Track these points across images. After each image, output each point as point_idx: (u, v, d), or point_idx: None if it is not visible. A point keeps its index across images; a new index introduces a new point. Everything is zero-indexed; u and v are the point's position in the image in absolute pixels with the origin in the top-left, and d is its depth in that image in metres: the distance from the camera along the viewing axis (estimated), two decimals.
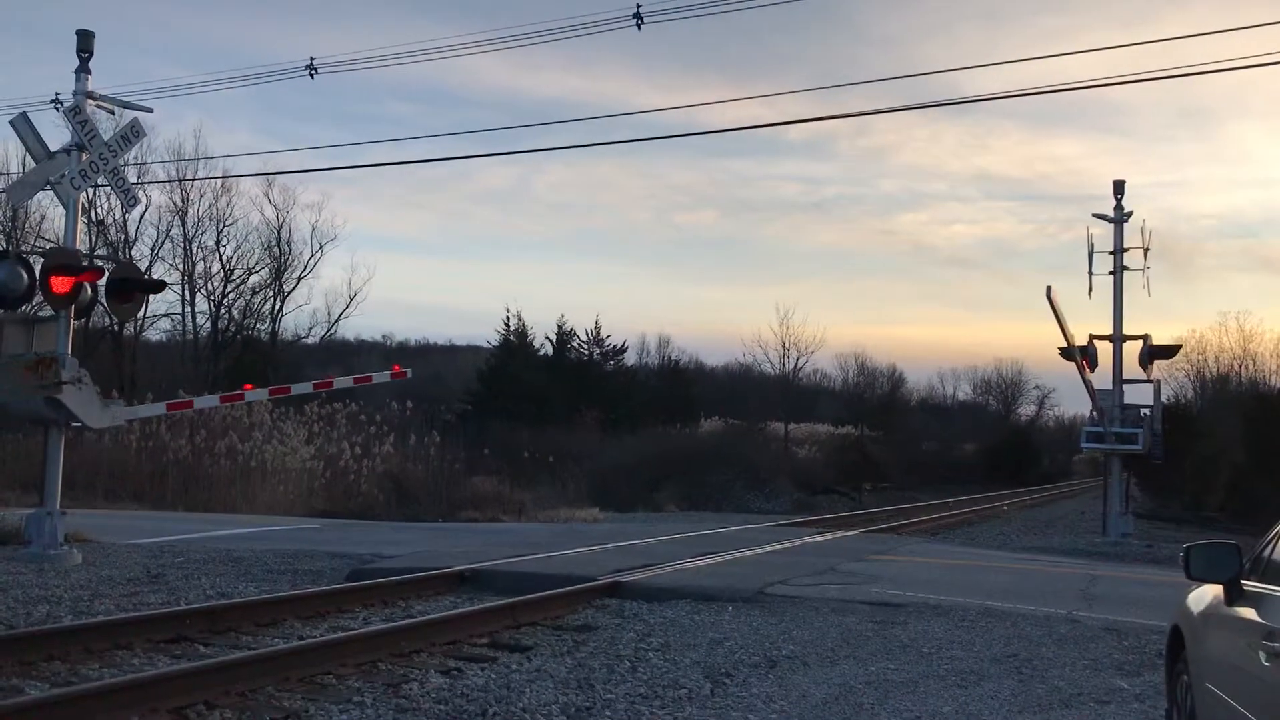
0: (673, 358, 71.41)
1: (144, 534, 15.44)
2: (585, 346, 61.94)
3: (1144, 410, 25.49)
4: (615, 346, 62.67)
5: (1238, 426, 40.42)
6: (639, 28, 14.00)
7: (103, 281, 13.52)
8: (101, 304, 13.83)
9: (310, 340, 49.57)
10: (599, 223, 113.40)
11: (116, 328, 37.74)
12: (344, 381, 18.50)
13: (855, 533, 22.27)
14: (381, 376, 17.12)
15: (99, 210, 37.58)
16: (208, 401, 18.56)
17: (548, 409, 50.56)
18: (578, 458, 41.24)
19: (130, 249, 39.95)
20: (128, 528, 16.30)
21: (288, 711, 6.35)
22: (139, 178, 36.17)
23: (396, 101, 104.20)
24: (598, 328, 61.77)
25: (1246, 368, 50.80)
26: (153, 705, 6.08)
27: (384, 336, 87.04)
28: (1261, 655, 3.81)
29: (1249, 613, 4.23)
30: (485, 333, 74.28)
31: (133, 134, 13.86)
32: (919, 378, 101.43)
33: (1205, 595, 5.01)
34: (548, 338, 60.97)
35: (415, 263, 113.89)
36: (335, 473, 28.69)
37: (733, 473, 47.68)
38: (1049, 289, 23.80)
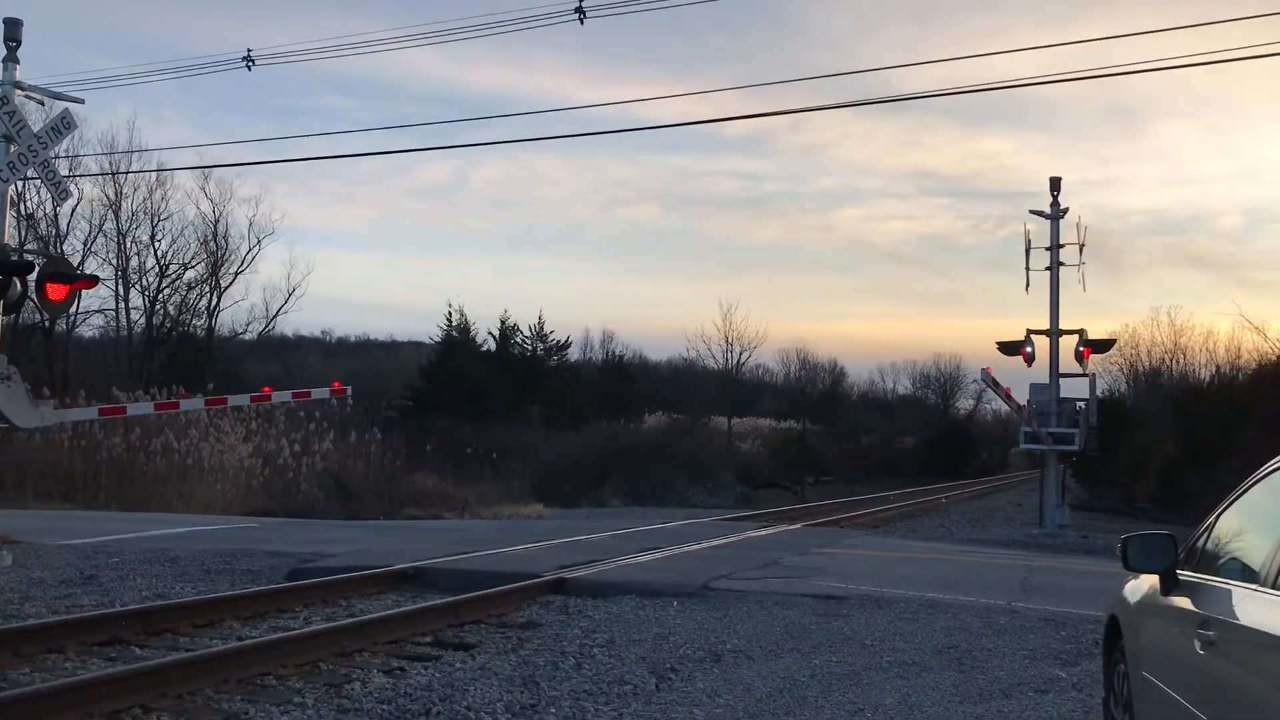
0: (616, 353, 71.56)
1: (76, 534, 15.11)
2: (528, 342, 61.77)
3: (1079, 403, 25.96)
4: (559, 342, 62.59)
5: (1169, 419, 41.33)
6: (581, 22, 13.97)
7: (33, 277, 13.18)
8: (31, 300, 13.46)
9: (248, 336, 48.82)
10: (540, 217, 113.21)
11: (47, 324, 36.87)
12: (282, 395, 18.23)
13: (798, 526, 22.42)
14: (321, 393, 16.96)
15: (29, 204, 36.75)
16: (141, 408, 18.25)
17: (491, 405, 50.32)
18: (521, 454, 41.11)
19: (62, 243, 39.06)
20: (59, 528, 15.94)
21: (227, 714, 6.24)
22: (70, 170, 35.33)
23: (333, 95, 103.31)
24: (541, 323, 61.68)
25: (1178, 361, 51.96)
26: (87, 710, 5.94)
27: (323, 332, 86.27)
28: (1196, 643, 3.88)
29: (1184, 602, 4.31)
30: (427, 329, 73.81)
31: (63, 125, 13.52)
32: (860, 372, 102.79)
33: (1142, 585, 5.10)
34: (490, 333, 60.75)
35: (355, 258, 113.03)
36: (274, 470, 28.29)
37: (676, 467, 47.84)
38: (984, 371, 25.89)
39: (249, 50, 15.50)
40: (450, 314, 59.05)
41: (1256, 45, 13.11)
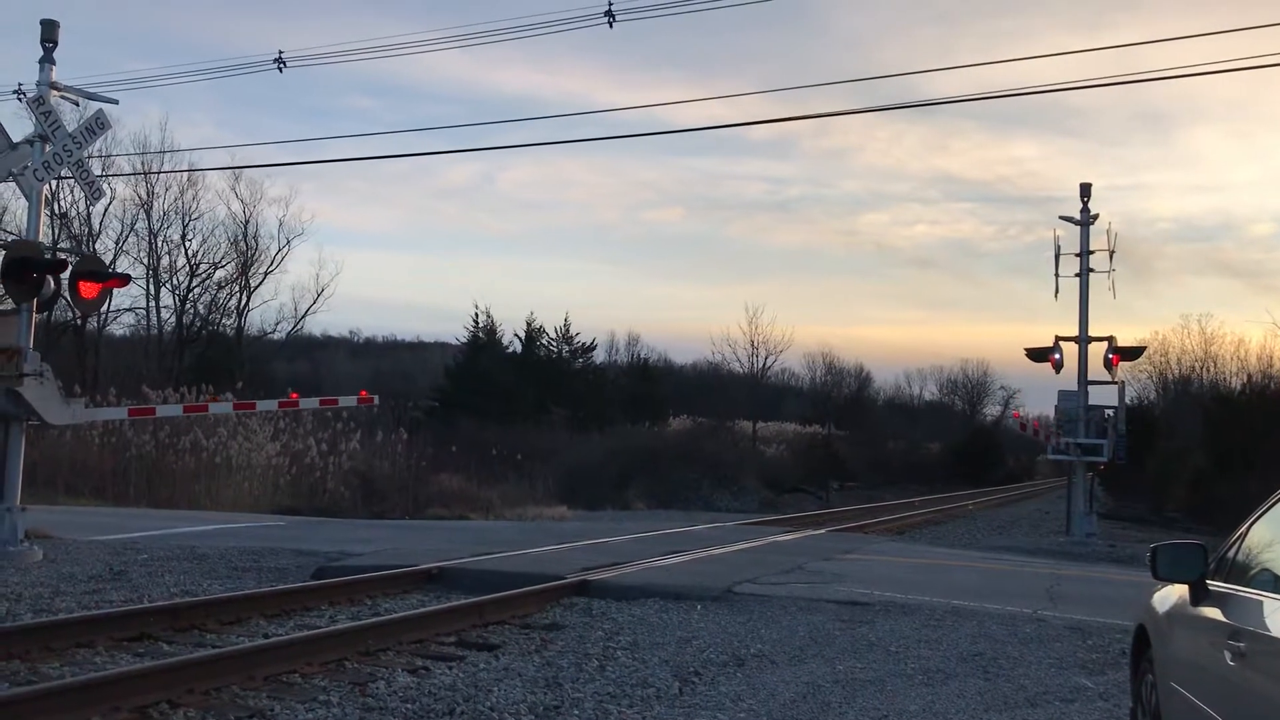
0: (641, 356, 71.60)
1: (106, 530, 15.26)
2: (554, 344, 61.86)
3: (1108, 411, 25.74)
4: (584, 344, 62.67)
5: (1199, 428, 40.93)
6: (611, 25, 13.99)
7: (66, 275, 13.33)
8: (64, 297, 13.62)
9: (277, 336, 49.20)
10: (566, 220, 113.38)
11: (79, 322, 37.30)
12: (310, 402, 18.39)
13: (822, 531, 22.36)
14: (349, 401, 17.12)
15: (62, 203, 37.17)
16: (170, 410, 18.39)
17: (516, 406, 50.47)
18: (546, 455, 41.21)
19: (94, 242, 39.52)
20: (90, 524, 16.10)
21: (253, 710, 6.29)
22: (103, 170, 35.68)
23: (361, 96, 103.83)
24: (566, 325, 61.77)
25: (1208, 370, 51.41)
26: (115, 704, 6.00)
27: (351, 333, 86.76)
28: (1226, 655, 3.84)
29: (1214, 612, 4.27)
30: (453, 329, 74.22)
31: (97, 125, 13.67)
32: (886, 377, 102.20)
33: (1170, 595, 5.05)
34: (516, 335, 60.89)
35: (382, 258, 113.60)
36: (301, 469, 28.48)
37: (700, 471, 47.81)
38: (1014, 417, 25.41)
39: (280, 52, 15.62)
40: (476, 315, 59.31)
41: None
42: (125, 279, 16.18)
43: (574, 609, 10.22)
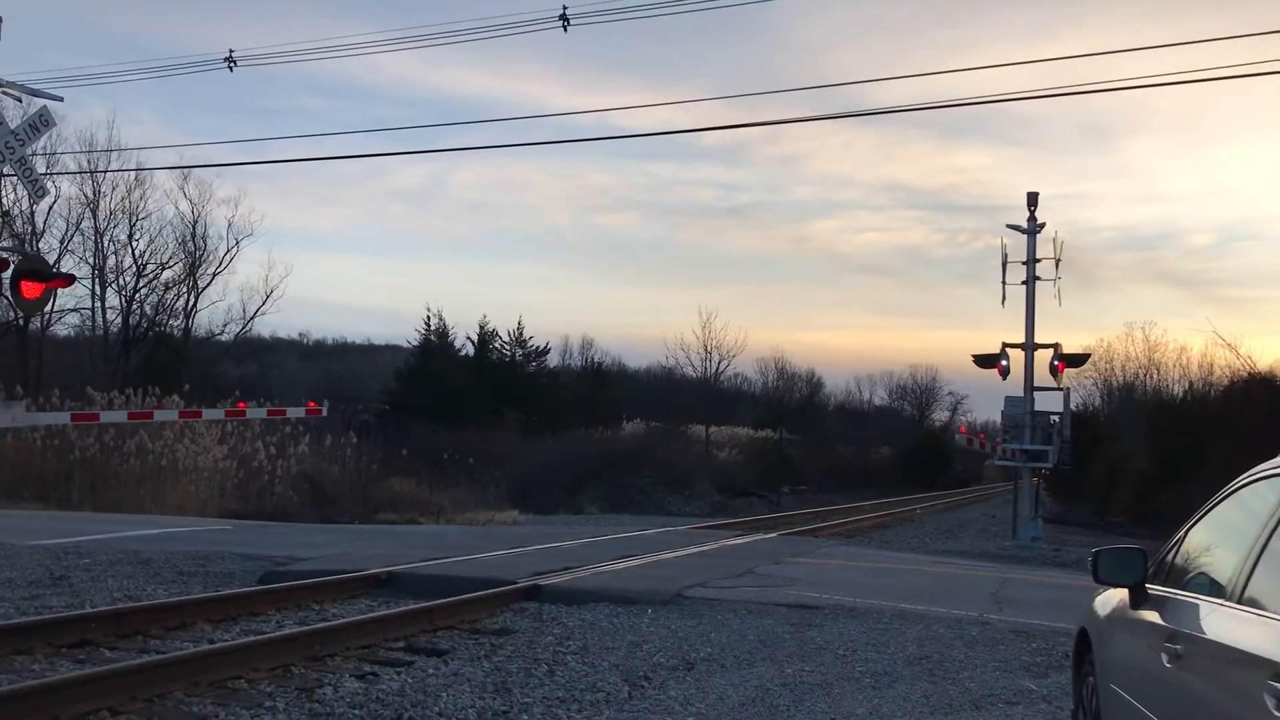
0: (595, 360, 71.53)
1: (47, 534, 14.98)
2: (507, 348, 61.61)
3: (1054, 417, 26.13)
4: (538, 348, 62.46)
5: (1142, 434, 41.61)
6: (565, 29, 14.00)
7: (8, 274, 13.09)
8: (5, 297, 13.37)
9: (225, 338, 48.49)
10: (518, 223, 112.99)
11: (21, 322, 36.57)
12: (257, 412, 18.20)
13: (773, 535, 22.46)
14: (296, 412, 16.99)
15: (5, 201, 36.43)
16: (115, 417, 18.09)
17: (468, 410, 50.19)
18: (498, 460, 41.03)
19: (38, 241, 38.75)
20: (30, 528, 15.80)
21: (197, 717, 6.21)
22: (48, 168, 35.10)
23: (311, 96, 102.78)
24: (520, 329, 61.52)
25: (1151, 377, 52.27)
26: (55, 713, 5.90)
27: (301, 335, 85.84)
28: (1164, 657, 3.92)
29: (1153, 616, 4.35)
30: (405, 332, 73.61)
31: (41, 123, 13.45)
32: (837, 383, 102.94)
33: (1112, 599, 5.14)
34: (469, 338, 60.56)
35: (333, 260, 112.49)
36: (249, 473, 28.12)
37: (654, 475, 47.85)
38: (960, 433, 25.74)
39: (231, 51, 15.47)
40: (429, 318, 58.92)
41: (1227, 66, 13.31)
42: (69, 279, 15.94)
43: (524, 614, 10.19)
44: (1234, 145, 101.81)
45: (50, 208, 39.28)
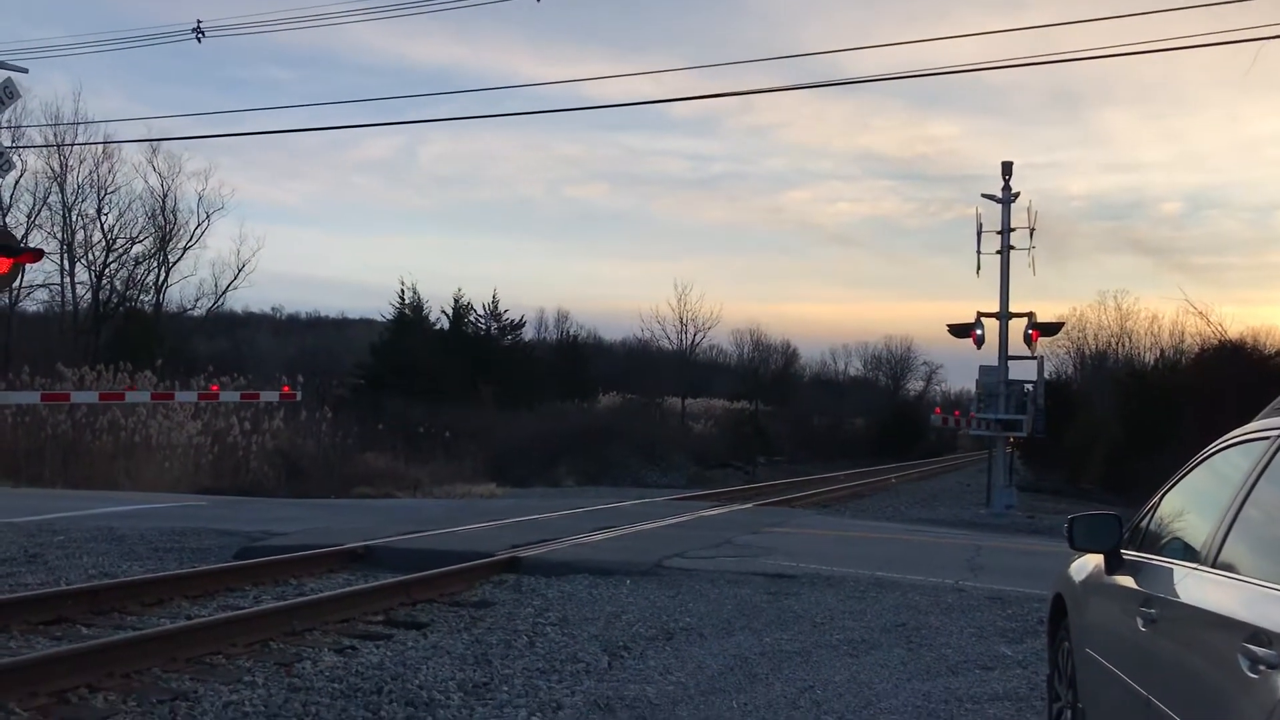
0: (571, 333, 71.48)
1: (20, 512, 14.86)
2: (482, 321, 61.41)
3: (1027, 386, 26.34)
4: (513, 321, 62.31)
5: (1115, 402, 41.99)
6: None
7: None
8: None
9: (197, 312, 48.18)
10: (490, 195, 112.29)
11: None
12: (230, 395, 18.05)
13: (749, 506, 22.56)
14: (270, 396, 16.89)
15: None
16: (86, 397, 17.89)
17: (444, 384, 50.02)
18: (474, 433, 40.98)
19: (4, 216, 38.26)
20: (2, 506, 15.66)
21: (175, 693, 6.19)
22: (13, 141, 34.59)
23: (274, 67, 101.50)
24: (495, 302, 61.31)
25: (1123, 345, 52.73)
26: (32, 689, 5.86)
27: (273, 309, 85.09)
28: (1138, 621, 3.96)
29: (1127, 581, 4.39)
30: (379, 306, 73.29)
31: (6, 94, 13.25)
32: (812, 354, 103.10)
33: (1087, 565, 5.19)
34: (444, 311, 60.24)
35: (304, 234, 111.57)
36: (223, 448, 27.98)
37: (630, 447, 47.95)
38: (935, 413, 25.68)
39: (199, 22, 15.25)
40: (403, 292, 58.55)
41: (1196, 35, 13.35)
42: (38, 254, 15.75)
43: (503, 586, 10.21)
44: (1203, 114, 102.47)
45: (16, 182, 38.78)
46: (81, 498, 18.49)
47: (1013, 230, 25.84)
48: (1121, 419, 38.83)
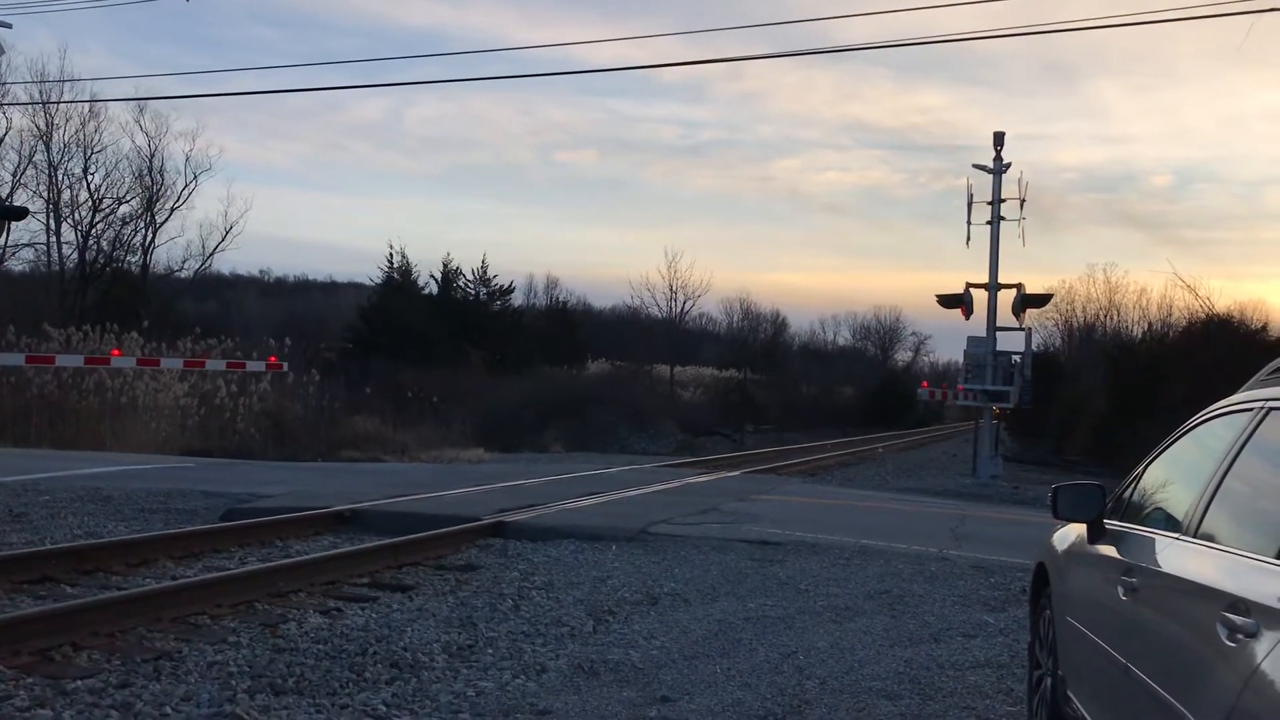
0: (560, 299, 71.38)
1: (5, 472, 14.82)
2: (471, 286, 61.18)
3: (1015, 357, 26.39)
4: (502, 287, 62.08)
5: (1102, 374, 42.12)
6: None
7: None
8: None
9: (184, 274, 47.85)
10: (479, 159, 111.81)
11: None
12: (216, 364, 17.97)
13: (737, 473, 22.63)
14: (256, 366, 16.81)
15: None
16: (71, 360, 17.75)
17: (432, 349, 49.92)
18: (463, 398, 40.98)
19: None
20: None
21: (160, 652, 6.20)
22: None
23: (261, 27, 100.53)
24: (484, 267, 61.05)
25: (1111, 318, 52.79)
26: (15, 648, 5.86)
27: (261, 271, 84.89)
28: (1119, 590, 3.98)
29: (1110, 550, 4.41)
30: (367, 270, 73.10)
31: None
32: (801, 323, 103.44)
33: (1070, 534, 5.21)
34: (433, 276, 60.02)
35: (292, 196, 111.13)
36: (210, 410, 27.92)
37: (618, 414, 48.03)
38: (923, 387, 25.36)
39: None
40: (391, 255, 58.28)
41: (1188, 6, 13.28)
42: (22, 212, 15.64)
43: (489, 550, 10.23)
44: (1193, 87, 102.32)
45: (1, 140, 38.46)
46: (67, 458, 18.44)
47: (1003, 201, 25.81)
48: (1108, 391, 38.95)
